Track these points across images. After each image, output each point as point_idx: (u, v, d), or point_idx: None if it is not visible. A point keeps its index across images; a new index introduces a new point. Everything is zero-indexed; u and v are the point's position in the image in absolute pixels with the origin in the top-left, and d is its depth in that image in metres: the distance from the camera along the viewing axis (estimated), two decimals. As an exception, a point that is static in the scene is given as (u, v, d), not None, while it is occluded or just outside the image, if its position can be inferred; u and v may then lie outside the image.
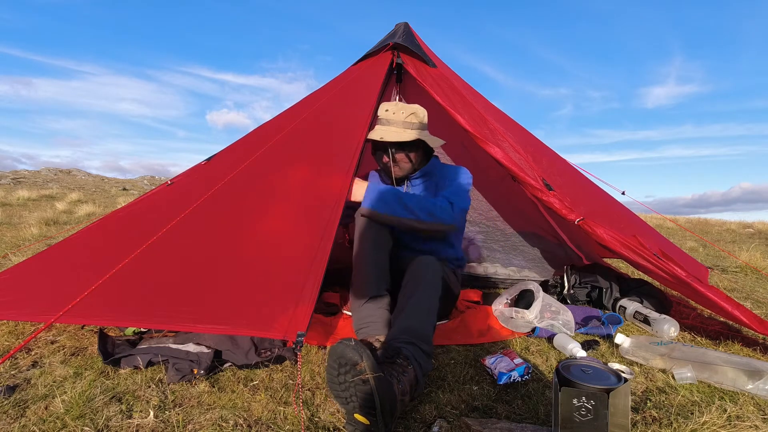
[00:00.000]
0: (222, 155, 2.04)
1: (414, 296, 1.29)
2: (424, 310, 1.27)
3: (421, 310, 1.26)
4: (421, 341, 1.18)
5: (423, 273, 1.37)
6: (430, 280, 1.35)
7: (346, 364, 0.95)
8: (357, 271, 1.56)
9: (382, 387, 0.93)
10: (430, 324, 1.26)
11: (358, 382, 0.93)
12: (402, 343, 1.16)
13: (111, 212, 1.92)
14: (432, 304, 1.30)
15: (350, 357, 0.94)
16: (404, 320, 1.24)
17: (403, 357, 1.11)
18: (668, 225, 6.31)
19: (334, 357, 0.97)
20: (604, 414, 0.83)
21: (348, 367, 0.94)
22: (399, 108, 1.72)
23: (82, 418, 1.00)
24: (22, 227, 4.14)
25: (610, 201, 2.30)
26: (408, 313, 1.26)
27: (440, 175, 1.83)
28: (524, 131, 2.35)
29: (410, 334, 1.19)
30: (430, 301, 1.30)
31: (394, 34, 2.20)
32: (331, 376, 0.98)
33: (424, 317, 1.25)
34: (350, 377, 0.94)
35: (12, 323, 1.59)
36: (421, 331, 1.21)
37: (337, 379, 0.96)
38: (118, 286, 1.23)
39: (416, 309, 1.26)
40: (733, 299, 1.55)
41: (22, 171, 14.29)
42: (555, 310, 1.76)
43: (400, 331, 1.21)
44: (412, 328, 1.21)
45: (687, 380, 1.24)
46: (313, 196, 1.48)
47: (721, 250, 4.10)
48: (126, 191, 11.78)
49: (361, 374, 0.93)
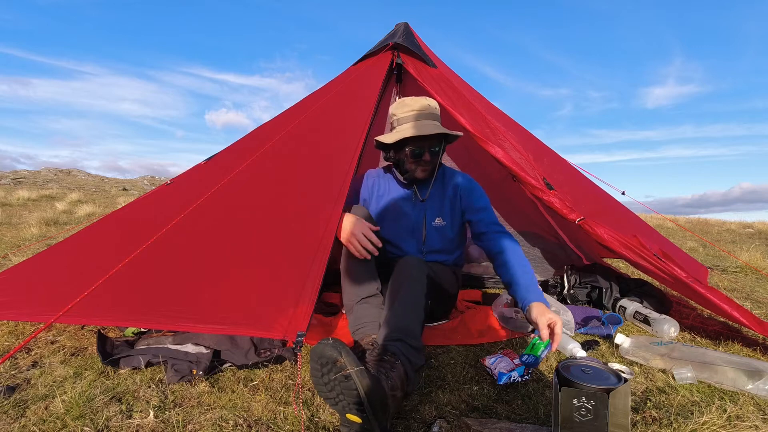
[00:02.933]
0: (222, 155, 2.04)
1: (399, 294, 1.31)
2: (409, 306, 1.28)
3: (406, 307, 1.27)
4: (408, 336, 1.19)
5: (408, 271, 1.37)
6: (415, 277, 1.35)
7: (327, 363, 0.95)
8: (345, 273, 1.54)
9: (366, 381, 0.93)
10: (417, 319, 1.27)
11: (341, 378, 0.93)
12: (388, 341, 1.17)
13: (111, 212, 1.93)
14: (417, 300, 1.30)
15: (329, 354, 0.94)
16: (391, 318, 1.26)
17: (390, 354, 1.13)
18: (668, 225, 6.31)
19: (315, 358, 0.97)
20: (604, 414, 0.83)
21: (330, 366, 0.95)
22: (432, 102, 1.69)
23: (82, 418, 1.00)
24: (22, 227, 4.15)
25: (610, 201, 2.31)
26: (394, 312, 1.27)
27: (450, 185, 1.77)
28: (525, 131, 2.35)
29: (397, 331, 1.20)
30: (415, 297, 1.31)
31: (394, 34, 2.20)
32: (316, 378, 0.98)
33: (409, 313, 1.26)
34: (333, 375, 0.94)
35: (12, 323, 1.59)
36: (407, 326, 1.22)
37: (322, 380, 0.96)
38: (118, 286, 1.23)
39: (401, 306, 1.28)
40: (732, 300, 1.55)
41: (22, 171, 14.29)
42: (555, 310, 1.76)
43: (387, 330, 1.23)
44: (399, 325, 1.22)
45: (687, 380, 1.24)
46: (313, 195, 1.48)
47: (721, 250, 4.10)
48: (126, 191, 11.78)
49: (342, 370, 0.93)
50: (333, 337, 0.99)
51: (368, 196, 1.85)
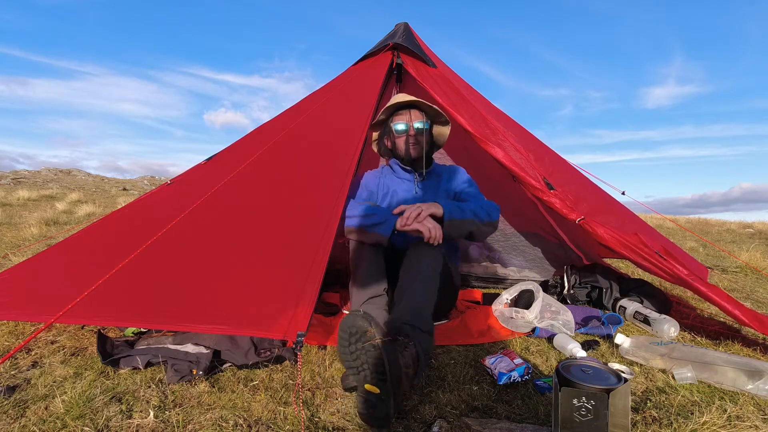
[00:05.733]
0: (222, 155, 2.04)
1: (413, 280, 1.35)
2: (422, 291, 1.32)
3: (420, 292, 1.32)
4: (420, 321, 1.24)
5: (422, 258, 1.41)
6: (429, 264, 1.40)
7: (356, 332, 1.00)
8: (355, 271, 1.56)
9: (390, 353, 0.98)
10: (429, 304, 1.32)
11: (369, 347, 0.99)
12: (402, 323, 1.22)
13: (111, 212, 1.93)
14: (430, 286, 1.35)
15: (360, 325, 1.00)
16: (405, 301, 1.30)
17: (404, 335, 1.17)
18: (668, 225, 6.31)
19: (345, 327, 1.03)
20: (604, 414, 0.83)
21: (358, 335, 1.00)
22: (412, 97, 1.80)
23: (82, 418, 1.00)
24: (22, 227, 4.14)
25: (610, 201, 2.30)
26: (408, 295, 1.32)
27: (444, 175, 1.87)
28: (525, 131, 2.35)
29: (410, 314, 1.25)
30: (428, 283, 1.35)
31: (394, 35, 2.20)
32: (342, 347, 1.03)
33: (422, 298, 1.31)
34: (360, 344, 1.00)
35: (12, 323, 1.59)
36: (420, 311, 1.27)
37: (348, 349, 1.01)
38: (118, 286, 1.23)
39: (415, 291, 1.32)
40: (733, 299, 1.55)
41: (22, 171, 14.29)
42: (555, 310, 1.77)
43: (400, 312, 1.27)
44: (412, 309, 1.27)
45: (687, 380, 1.24)
46: (313, 196, 1.48)
47: (721, 250, 4.10)
48: (126, 191, 11.78)
49: (371, 339, 0.99)
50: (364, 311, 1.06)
51: (375, 189, 1.89)
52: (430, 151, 1.85)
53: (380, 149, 1.95)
